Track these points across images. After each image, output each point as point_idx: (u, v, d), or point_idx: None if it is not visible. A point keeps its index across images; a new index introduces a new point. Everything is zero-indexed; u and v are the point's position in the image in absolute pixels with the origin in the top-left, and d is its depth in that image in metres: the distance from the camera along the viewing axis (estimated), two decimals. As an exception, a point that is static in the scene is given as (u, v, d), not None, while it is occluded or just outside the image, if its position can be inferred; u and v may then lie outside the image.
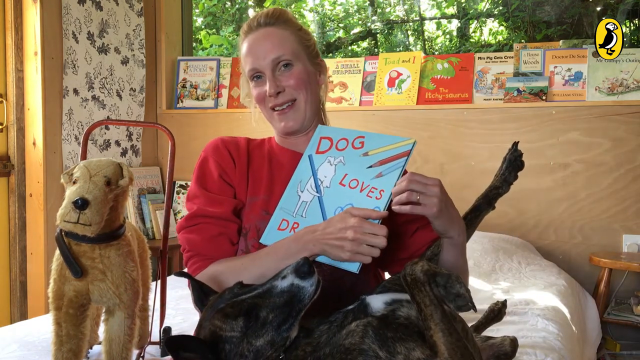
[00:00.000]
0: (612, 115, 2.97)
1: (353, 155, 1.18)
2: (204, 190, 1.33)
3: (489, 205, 1.32)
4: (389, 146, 1.14)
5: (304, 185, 1.23)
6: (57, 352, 1.25)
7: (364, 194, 1.14)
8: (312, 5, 6.27)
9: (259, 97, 1.37)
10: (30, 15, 2.85)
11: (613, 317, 2.79)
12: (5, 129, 2.84)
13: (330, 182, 1.19)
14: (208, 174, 1.35)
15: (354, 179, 1.16)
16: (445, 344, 0.92)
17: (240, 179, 1.35)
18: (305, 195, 1.22)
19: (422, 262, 1.01)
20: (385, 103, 3.32)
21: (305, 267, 0.99)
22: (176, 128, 3.58)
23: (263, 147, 1.43)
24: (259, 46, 1.34)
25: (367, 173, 1.15)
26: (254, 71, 1.36)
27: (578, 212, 3.04)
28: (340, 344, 0.97)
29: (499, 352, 1.35)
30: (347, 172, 1.17)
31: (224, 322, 0.98)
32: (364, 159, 1.16)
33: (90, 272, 1.23)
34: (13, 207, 2.85)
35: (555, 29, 5.10)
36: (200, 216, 1.30)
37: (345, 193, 1.16)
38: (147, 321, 1.64)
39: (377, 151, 1.15)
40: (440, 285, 0.99)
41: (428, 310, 0.96)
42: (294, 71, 1.34)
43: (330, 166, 1.20)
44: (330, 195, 1.18)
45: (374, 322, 0.98)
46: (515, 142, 1.34)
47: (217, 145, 1.38)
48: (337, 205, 1.16)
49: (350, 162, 1.18)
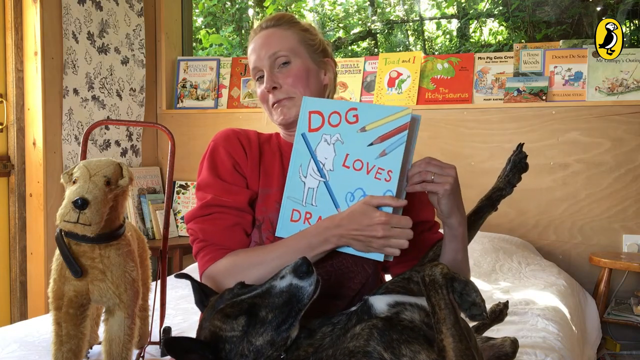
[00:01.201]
0: (612, 115, 2.97)
1: (349, 132, 1.14)
2: (218, 179, 1.31)
3: (492, 207, 1.32)
4: (386, 119, 1.10)
5: (305, 169, 1.20)
6: (57, 352, 1.25)
7: (372, 176, 1.11)
8: (312, 5, 6.27)
9: (262, 97, 1.38)
10: (30, 15, 2.85)
11: (613, 317, 2.79)
12: (5, 129, 2.84)
13: (332, 165, 1.16)
14: (220, 163, 1.33)
15: (358, 160, 1.12)
16: (454, 349, 0.92)
17: (252, 170, 1.33)
18: (310, 181, 1.19)
19: (442, 265, 1.01)
20: (386, 103, 3.32)
21: (303, 267, 0.99)
22: (176, 128, 3.58)
23: (272, 141, 1.43)
24: (260, 46, 1.37)
25: (369, 152, 1.11)
26: (256, 70, 1.38)
27: (578, 212, 3.04)
28: (344, 347, 0.97)
29: (500, 353, 1.35)
30: (348, 152, 1.14)
31: (224, 322, 0.98)
32: (362, 135, 1.12)
33: (90, 272, 1.23)
34: (13, 207, 2.85)
35: (555, 29, 5.10)
36: (215, 205, 1.28)
37: (352, 176, 1.13)
38: (147, 321, 1.64)
39: (375, 125, 1.11)
40: (457, 291, 0.98)
41: (442, 314, 0.95)
42: (291, 68, 1.35)
43: (329, 146, 1.16)
44: (336, 179, 1.15)
45: (379, 324, 0.98)
46: (520, 144, 1.33)
47: (229, 135, 1.37)
48: (346, 190, 1.14)
49: (348, 140, 1.14)
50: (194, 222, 1.29)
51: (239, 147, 1.35)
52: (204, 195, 1.30)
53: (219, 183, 1.30)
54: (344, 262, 1.25)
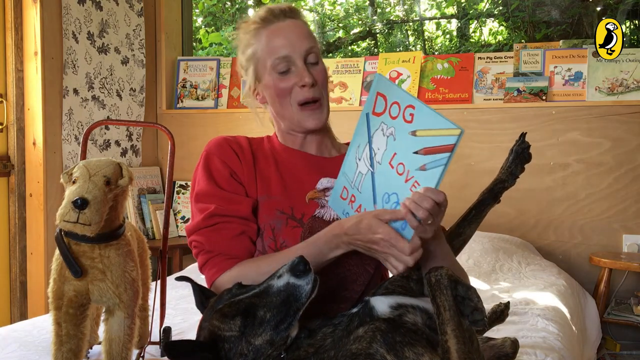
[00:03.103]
0: (612, 115, 2.97)
1: (403, 131, 1.07)
2: (219, 189, 1.27)
3: (495, 199, 1.29)
4: (437, 131, 1.02)
5: (361, 151, 1.16)
6: (57, 352, 1.25)
7: (408, 187, 1.06)
8: (312, 5, 6.27)
9: (285, 91, 1.28)
10: (30, 15, 2.85)
11: (613, 317, 2.79)
12: (5, 129, 2.84)
13: (381, 158, 1.11)
14: (217, 173, 1.29)
15: (401, 163, 1.07)
16: (457, 351, 0.92)
17: (249, 178, 1.30)
18: (362, 166, 1.15)
19: (447, 268, 1.00)
20: (385, 103, 3.32)
21: (300, 266, 0.99)
22: (176, 128, 3.58)
23: (264, 145, 1.38)
24: (291, 33, 1.26)
25: (413, 159, 1.06)
26: (286, 59, 1.26)
27: (578, 212, 3.04)
28: (347, 349, 0.96)
29: (500, 354, 1.35)
30: (395, 151, 1.08)
31: (222, 322, 0.98)
32: (411, 139, 1.06)
33: (90, 272, 1.23)
34: (13, 207, 2.85)
35: (555, 29, 5.10)
36: (219, 215, 1.24)
37: (393, 178, 1.09)
38: (147, 321, 1.64)
39: (425, 133, 1.04)
40: (460, 295, 0.97)
41: (447, 315, 0.95)
42: (320, 68, 1.30)
43: (383, 137, 1.11)
44: (381, 175, 1.12)
45: (382, 327, 0.97)
46: (522, 133, 1.29)
47: (221, 144, 1.32)
48: (385, 190, 1.10)
49: (399, 139, 1.08)
50: (198, 233, 1.25)
51: (232, 155, 1.31)
52: (205, 206, 1.25)
53: (219, 192, 1.26)
54: (345, 265, 1.24)
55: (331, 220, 1.26)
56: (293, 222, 1.27)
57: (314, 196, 1.30)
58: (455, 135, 0.99)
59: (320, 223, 1.27)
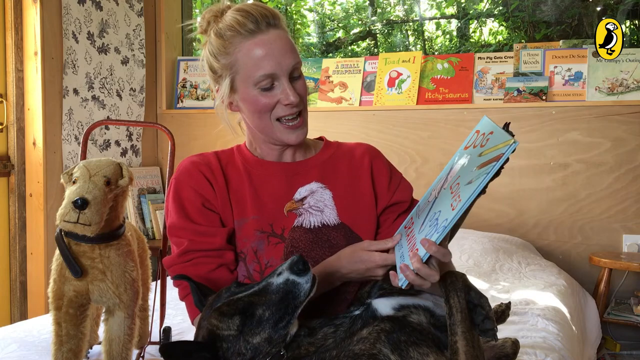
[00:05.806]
0: (612, 115, 2.97)
1: (474, 155, 1.01)
2: (190, 222, 1.22)
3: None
4: (496, 146, 0.96)
5: (439, 184, 1.09)
6: (57, 352, 1.25)
7: (449, 203, 0.99)
8: (311, 5, 6.27)
9: (267, 107, 1.21)
10: (30, 15, 2.85)
11: (613, 317, 2.79)
12: (5, 129, 2.84)
13: (448, 184, 1.04)
14: (188, 204, 1.23)
15: (458, 183, 0.99)
16: (465, 352, 0.92)
17: (224, 204, 1.25)
18: (432, 197, 1.09)
19: (462, 274, 1.02)
20: (385, 103, 3.32)
21: (299, 264, 0.99)
22: (176, 128, 3.58)
23: (234, 159, 1.31)
24: (275, 49, 1.19)
25: (467, 176, 0.99)
26: (271, 77, 1.19)
27: (578, 212, 3.04)
28: (349, 349, 0.96)
29: (500, 354, 1.35)
30: (460, 174, 1.01)
31: (220, 321, 0.98)
32: (477, 160, 0.99)
33: (90, 272, 1.23)
34: (13, 207, 2.85)
35: (555, 29, 5.10)
36: (193, 251, 1.21)
37: (446, 197, 1.01)
38: (147, 321, 1.65)
39: (487, 151, 0.98)
40: (472, 302, 0.98)
41: (459, 316, 0.95)
42: (302, 82, 1.24)
43: (458, 165, 1.05)
44: (439, 198, 1.05)
45: (386, 327, 0.97)
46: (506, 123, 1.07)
47: (190, 171, 1.26)
48: (435, 209, 1.03)
49: (469, 163, 1.01)
50: (174, 269, 1.22)
51: (203, 182, 1.25)
52: (179, 241, 1.23)
53: (191, 226, 1.22)
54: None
55: (312, 227, 1.25)
56: (275, 239, 1.24)
57: (292, 207, 1.27)
58: (507, 145, 0.93)
59: (301, 233, 1.25)
